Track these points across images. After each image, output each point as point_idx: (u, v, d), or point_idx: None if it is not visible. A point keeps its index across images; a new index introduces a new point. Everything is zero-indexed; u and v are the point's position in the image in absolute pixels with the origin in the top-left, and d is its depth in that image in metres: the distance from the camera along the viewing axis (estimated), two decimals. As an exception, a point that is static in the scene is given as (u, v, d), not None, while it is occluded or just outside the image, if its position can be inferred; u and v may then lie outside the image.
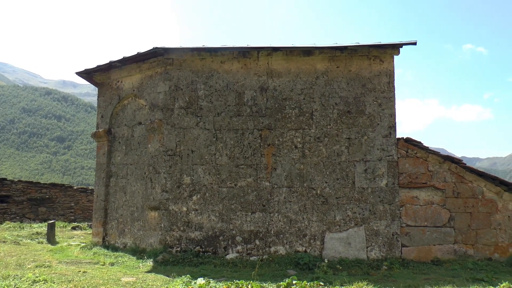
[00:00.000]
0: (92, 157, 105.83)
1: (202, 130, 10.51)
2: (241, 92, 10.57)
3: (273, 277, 8.02)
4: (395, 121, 10.44)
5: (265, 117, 10.45)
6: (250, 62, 10.65)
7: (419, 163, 10.43)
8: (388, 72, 10.56)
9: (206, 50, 10.62)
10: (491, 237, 10.28)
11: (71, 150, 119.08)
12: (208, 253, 10.11)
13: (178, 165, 10.45)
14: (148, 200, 10.65)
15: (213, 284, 7.21)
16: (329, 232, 10.13)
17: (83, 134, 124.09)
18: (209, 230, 10.22)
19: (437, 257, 10.08)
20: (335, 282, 7.33)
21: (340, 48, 10.40)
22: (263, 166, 10.34)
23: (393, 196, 10.25)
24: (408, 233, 10.22)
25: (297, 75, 10.56)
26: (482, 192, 10.43)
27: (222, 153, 10.43)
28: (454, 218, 10.30)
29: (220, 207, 10.28)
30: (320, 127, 10.38)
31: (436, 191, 10.39)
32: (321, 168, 10.30)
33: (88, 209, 19.63)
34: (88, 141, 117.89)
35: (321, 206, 10.19)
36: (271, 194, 10.25)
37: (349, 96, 10.48)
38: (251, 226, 10.19)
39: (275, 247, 10.10)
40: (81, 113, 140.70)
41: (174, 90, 10.65)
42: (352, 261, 9.69)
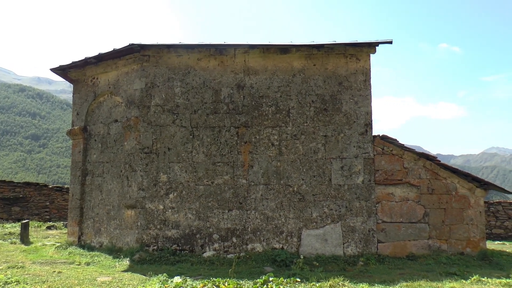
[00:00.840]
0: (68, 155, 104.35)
1: (178, 128, 10.46)
2: (218, 90, 10.55)
3: (250, 274, 8.04)
4: (371, 119, 10.54)
5: (242, 114, 10.44)
6: (227, 59, 10.63)
7: (394, 160, 10.56)
8: (364, 70, 10.65)
9: (182, 47, 10.56)
10: (463, 232, 10.48)
11: (46, 148, 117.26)
12: (185, 251, 10.08)
13: (154, 163, 10.38)
14: (124, 198, 10.56)
15: (189, 282, 7.19)
16: (305, 229, 10.19)
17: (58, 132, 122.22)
18: (186, 228, 10.18)
19: (412, 253, 10.23)
20: (311, 278, 7.37)
21: (317, 46, 10.44)
22: (240, 163, 10.34)
23: (369, 193, 10.35)
24: (384, 229, 10.34)
25: (274, 73, 10.58)
26: (455, 188, 10.60)
27: (199, 150, 10.40)
28: (428, 214, 10.46)
29: (197, 205, 10.24)
30: (297, 125, 10.42)
31: (411, 187, 10.53)
32: (297, 165, 10.34)
33: (64, 208, 19.34)
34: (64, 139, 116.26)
35: (298, 203, 10.23)
36: (248, 192, 10.26)
37: (325, 94, 10.54)
38: (228, 223, 10.19)
39: (252, 244, 10.12)
40: (56, 111, 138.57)
41: (150, 87, 10.57)
42: (329, 257, 9.78)
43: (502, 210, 22.42)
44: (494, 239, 20.70)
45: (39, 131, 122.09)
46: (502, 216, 22.36)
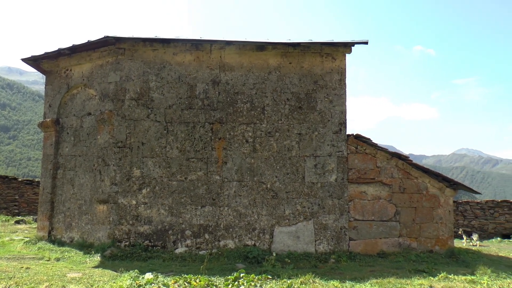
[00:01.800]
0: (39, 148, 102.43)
1: (153, 122, 10.37)
2: (193, 85, 10.49)
3: (221, 271, 8.04)
4: (346, 118, 10.64)
5: (216, 110, 10.42)
6: (203, 55, 10.58)
7: (368, 159, 10.69)
8: (339, 70, 10.74)
9: (158, 41, 10.46)
10: (433, 231, 10.69)
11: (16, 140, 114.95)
12: (157, 247, 10.02)
13: (128, 157, 10.28)
14: (96, 193, 10.43)
15: (161, 278, 7.16)
16: (278, 226, 10.24)
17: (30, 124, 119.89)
18: (159, 224, 10.12)
19: (383, 250, 10.40)
20: (282, 275, 7.42)
21: (293, 44, 10.48)
22: (213, 159, 10.32)
23: (342, 191, 10.45)
24: (355, 227, 10.47)
25: (249, 70, 10.58)
26: (426, 187, 10.79)
27: (173, 146, 10.34)
28: (399, 213, 10.63)
29: (170, 200, 10.19)
30: (272, 122, 10.45)
31: (383, 186, 10.68)
32: (271, 162, 10.38)
33: (34, 202, 18.98)
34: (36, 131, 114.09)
35: (271, 200, 10.27)
36: (222, 188, 10.25)
37: (301, 92, 10.59)
38: (200, 220, 10.16)
39: (224, 241, 10.12)
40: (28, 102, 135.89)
41: (125, 80, 10.45)
42: (301, 254, 9.85)
43: (469, 209, 22.92)
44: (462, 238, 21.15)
45: (9, 123, 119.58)
46: (470, 215, 22.86)
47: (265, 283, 6.86)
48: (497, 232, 22.69)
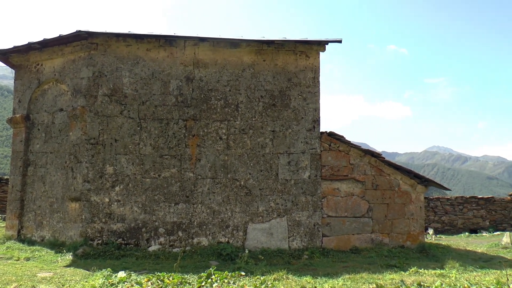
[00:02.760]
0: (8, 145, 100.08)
1: (126, 119, 10.27)
2: (166, 81, 10.42)
3: (195, 269, 8.03)
4: (319, 116, 10.72)
5: (190, 107, 10.38)
6: (176, 51, 10.51)
7: (341, 156, 10.79)
8: (313, 68, 10.80)
9: (131, 36, 10.35)
10: (404, 226, 10.88)
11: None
12: (130, 245, 9.94)
13: (100, 154, 10.15)
14: (68, 190, 10.27)
15: (134, 277, 7.11)
16: (252, 223, 10.27)
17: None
18: (132, 222, 10.04)
19: (356, 246, 10.53)
20: (256, 272, 7.45)
21: (267, 41, 10.50)
22: (187, 156, 10.28)
23: (315, 188, 10.54)
24: (329, 223, 10.57)
25: (223, 67, 10.56)
26: (398, 184, 10.96)
27: (146, 142, 10.26)
28: (372, 209, 10.77)
29: (143, 198, 10.12)
30: (245, 119, 10.46)
31: (356, 183, 10.80)
32: (245, 159, 10.39)
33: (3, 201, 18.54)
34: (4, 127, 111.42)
35: (245, 197, 10.29)
36: (195, 185, 10.23)
37: (274, 90, 10.62)
38: (174, 217, 10.12)
39: (198, 238, 10.10)
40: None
41: (98, 76, 10.31)
42: (274, 251, 9.91)
43: (440, 205, 23.39)
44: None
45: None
46: (440, 211, 23.33)
47: (238, 280, 6.87)
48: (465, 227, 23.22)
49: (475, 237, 19.13)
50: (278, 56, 10.72)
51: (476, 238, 18.46)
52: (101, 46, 10.37)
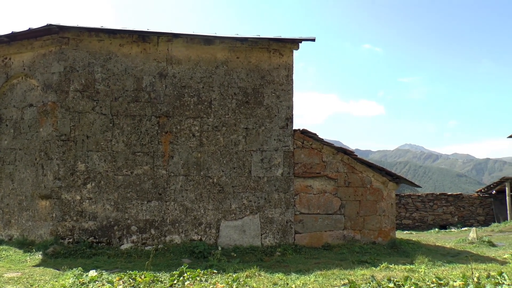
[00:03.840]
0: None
1: (98, 115, 10.14)
2: (139, 77, 10.33)
3: (167, 267, 8.00)
4: (292, 113, 10.77)
5: (163, 104, 10.31)
6: (150, 47, 10.42)
7: (314, 154, 10.87)
8: (287, 66, 10.85)
9: (104, 31, 10.21)
10: (376, 223, 11.04)
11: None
12: (102, 243, 9.83)
13: (72, 151, 10.00)
14: (38, 188, 10.10)
15: (105, 275, 7.03)
16: (224, 220, 10.27)
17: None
18: (104, 220, 9.93)
19: (328, 243, 10.63)
20: (228, 270, 7.46)
21: (241, 39, 10.50)
22: (160, 154, 10.21)
23: (288, 185, 10.60)
24: (301, 220, 10.64)
25: (197, 63, 10.52)
26: (370, 181, 11.11)
27: (119, 139, 10.15)
28: (344, 206, 10.89)
29: (116, 195, 10.02)
30: (218, 116, 10.45)
31: (329, 180, 10.90)
32: (218, 157, 10.38)
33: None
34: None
35: (217, 195, 10.29)
36: (168, 183, 10.17)
37: (248, 87, 10.63)
38: (146, 215, 10.05)
39: (170, 236, 10.06)
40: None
41: (69, 71, 10.14)
42: (247, 248, 9.93)
43: (411, 202, 23.84)
44: (403, 229, 22.00)
45: None
46: (411, 208, 23.78)
47: (211, 278, 6.88)
48: (435, 223, 23.74)
49: (444, 232, 19.58)
50: (251, 54, 10.72)
51: (445, 233, 18.89)
52: (72, 40, 10.21)
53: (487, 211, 24.59)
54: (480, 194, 25.25)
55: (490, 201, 24.77)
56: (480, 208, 24.58)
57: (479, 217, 24.42)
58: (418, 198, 24.18)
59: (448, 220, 24.05)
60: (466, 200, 24.64)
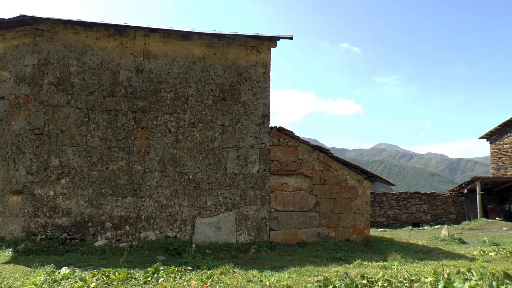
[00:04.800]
0: None
1: (73, 109, 10.00)
2: (116, 72, 10.22)
3: (141, 263, 7.93)
4: (269, 111, 10.79)
5: (139, 99, 10.22)
6: (126, 41, 10.32)
7: (290, 152, 10.91)
8: (264, 63, 10.86)
9: (80, 24, 10.06)
10: (351, 221, 11.15)
11: None
12: (75, 240, 9.71)
13: (46, 145, 9.84)
14: (10, 183, 9.91)
15: (78, 273, 6.93)
16: (199, 217, 10.25)
17: None
18: (78, 216, 9.81)
19: (303, 240, 10.70)
20: (202, 266, 7.44)
21: (218, 35, 10.46)
22: (136, 149, 10.13)
23: (263, 183, 10.62)
24: (276, 217, 10.68)
25: (174, 59, 10.45)
26: (345, 179, 11.20)
27: (94, 134, 10.03)
28: (320, 204, 10.97)
29: (90, 191, 9.90)
30: (195, 113, 10.41)
31: (304, 178, 10.96)
32: (194, 153, 10.34)
33: None
34: None
35: (193, 191, 10.26)
36: (143, 179, 10.10)
37: (225, 84, 10.61)
38: (121, 211, 9.96)
39: (145, 232, 9.99)
40: None
41: (43, 64, 9.97)
42: (222, 245, 9.94)
43: (386, 200, 24.16)
44: (378, 227, 22.28)
45: None
46: (386, 206, 24.10)
47: (185, 275, 6.85)
48: (409, 221, 24.12)
49: (417, 230, 19.89)
50: (229, 50, 10.70)
51: (418, 231, 19.19)
52: (47, 32, 10.04)
53: (459, 210, 25.09)
54: (452, 193, 25.75)
55: (461, 199, 25.29)
56: (452, 207, 25.06)
57: (451, 215, 24.89)
58: (392, 197, 24.53)
59: (422, 218, 24.45)
60: (439, 198, 25.10)
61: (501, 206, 25.31)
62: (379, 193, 24.77)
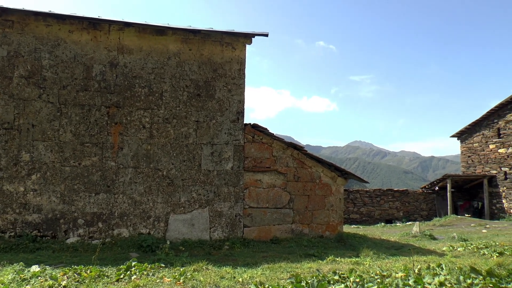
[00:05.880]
0: None
1: (45, 103, 9.82)
2: (89, 66, 10.07)
3: (114, 261, 7.84)
4: (244, 107, 10.79)
5: (113, 94, 10.10)
6: (100, 35, 10.17)
7: (264, 148, 10.93)
8: (239, 60, 10.84)
9: (52, 16, 9.86)
10: (324, 217, 11.24)
11: None
12: (47, 237, 9.54)
13: (16, 140, 9.64)
14: (-22, 177, 9.68)
15: (49, 271, 6.79)
16: (173, 214, 10.19)
17: None
18: (49, 213, 9.64)
19: (276, 236, 10.74)
20: (176, 263, 7.40)
21: (193, 31, 10.41)
22: (109, 145, 10.01)
23: (237, 179, 10.62)
24: (250, 214, 10.70)
25: (148, 54, 10.36)
26: (319, 176, 11.28)
27: (67, 129, 9.87)
28: (293, 200, 11.03)
29: (62, 187, 9.74)
30: (169, 108, 10.34)
31: (278, 175, 10.99)
32: (168, 149, 10.28)
33: None
34: None
35: (167, 188, 10.20)
36: (117, 175, 9.99)
37: (200, 80, 10.56)
38: (94, 208, 9.84)
39: (118, 229, 9.89)
40: None
41: (14, 56, 9.76)
42: (195, 242, 9.90)
43: (359, 197, 24.43)
44: (351, 223, 22.54)
45: None
46: (359, 203, 24.38)
47: (158, 272, 6.81)
48: (382, 217, 24.46)
49: (390, 227, 20.18)
50: (204, 46, 10.66)
51: (391, 228, 19.47)
52: (17, 24, 9.82)
53: (430, 206, 25.55)
54: (424, 190, 26.21)
55: (433, 196, 25.76)
56: (424, 203, 25.50)
57: (423, 212, 25.33)
58: (366, 194, 24.83)
59: (394, 214, 24.82)
60: (411, 195, 25.52)
61: (470, 203, 25.92)
62: (352, 190, 25.03)
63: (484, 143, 25.70)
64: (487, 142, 25.49)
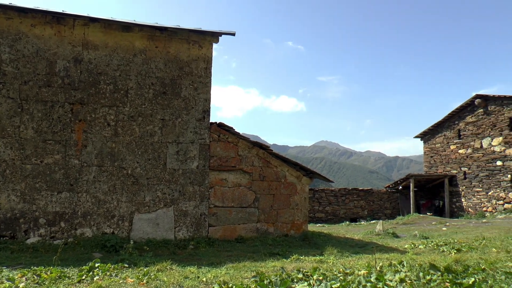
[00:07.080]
0: None
1: (5, 99, 9.55)
2: (53, 61, 9.85)
3: (77, 261, 7.70)
4: (210, 106, 10.76)
5: (78, 90, 9.91)
6: (65, 30, 9.97)
7: (230, 148, 10.94)
8: (206, 58, 10.81)
9: (13, 9, 9.60)
10: (289, 216, 11.32)
11: None
12: (5, 237, 9.27)
13: (-27, 136, 9.37)
14: None
15: (6, 272, 6.59)
16: (138, 213, 10.08)
17: None
18: (8, 212, 9.38)
19: (241, 235, 10.76)
20: (140, 263, 7.33)
21: (160, 28, 10.32)
22: (73, 142, 9.82)
23: (203, 178, 10.59)
24: (215, 213, 10.69)
25: (114, 50, 10.21)
26: (285, 176, 11.36)
27: (28, 126, 9.63)
28: (259, 199, 11.07)
29: (23, 186, 9.50)
30: (135, 106, 10.22)
31: (244, 174, 11.02)
32: (133, 147, 10.16)
33: None
34: None
35: (131, 187, 10.08)
36: (80, 173, 9.82)
37: (166, 78, 10.48)
38: (56, 207, 9.63)
39: (81, 229, 9.72)
40: None
41: (-29, 49, 9.47)
42: (160, 241, 9.82)
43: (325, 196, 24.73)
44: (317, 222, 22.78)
45: None
46: (325, 202, 24.67)
47: (121, 272, 6.72)
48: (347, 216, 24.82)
49: (355, 225, 20.50)
50: (171, 44, 10.58)
51: (355, 226, 19.78)
52: (-25, 16, 9.53)
53: (394, 205, 26.08)
54: (388, 189, 26.73)
55: (397, 196, 26.30)
56: (388, 202, 26.01)
57: (387, 210, 25.84)
58: (331, 193, 25.14)
59: (359, 213, 25.22)
60: (376, 195, 25.98)
61: (431, 201, 26.60)
62: (318, 189, 25.31)
63: (446, 143, 26.38)
64: (448, 143, 26.19)
